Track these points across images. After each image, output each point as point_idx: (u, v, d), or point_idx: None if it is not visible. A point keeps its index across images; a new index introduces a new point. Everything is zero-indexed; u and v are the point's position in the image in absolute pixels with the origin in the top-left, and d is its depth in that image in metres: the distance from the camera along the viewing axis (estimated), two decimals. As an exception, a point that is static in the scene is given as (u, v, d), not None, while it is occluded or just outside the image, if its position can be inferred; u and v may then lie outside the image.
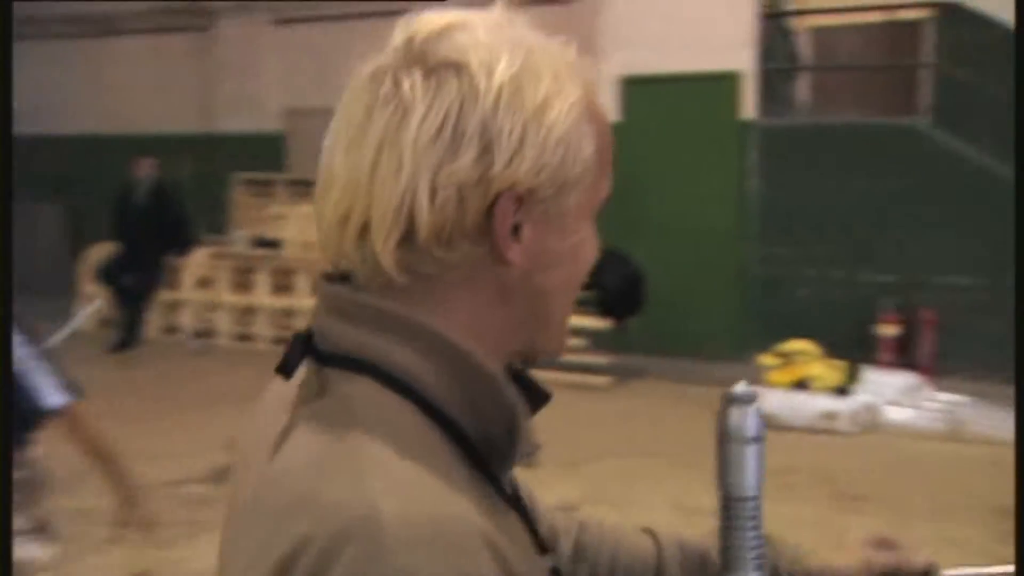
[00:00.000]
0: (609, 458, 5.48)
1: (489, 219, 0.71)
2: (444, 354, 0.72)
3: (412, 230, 0.70)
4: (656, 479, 5.09)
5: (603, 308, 7.05)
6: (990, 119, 7.64)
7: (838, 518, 4.47)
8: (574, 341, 7.75)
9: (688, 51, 7.73)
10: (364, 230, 0.72)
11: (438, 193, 0.69)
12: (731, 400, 0.82)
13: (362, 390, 0.71)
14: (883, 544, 1.01)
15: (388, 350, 0.71)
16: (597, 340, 7.27)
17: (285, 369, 0.74)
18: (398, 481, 0.65)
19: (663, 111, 7.57)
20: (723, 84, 7.75)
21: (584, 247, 0.78)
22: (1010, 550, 3.84)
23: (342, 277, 0.76)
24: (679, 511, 4.60)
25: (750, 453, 0.81)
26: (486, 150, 0.69)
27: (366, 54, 0.76)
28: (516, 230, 0.72)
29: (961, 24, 7.78)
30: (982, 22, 7.56)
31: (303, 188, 10.36)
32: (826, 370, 6.43)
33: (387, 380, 0.71)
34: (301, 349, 0.74)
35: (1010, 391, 6.46)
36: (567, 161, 0.73)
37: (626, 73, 7.90)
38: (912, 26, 8.12)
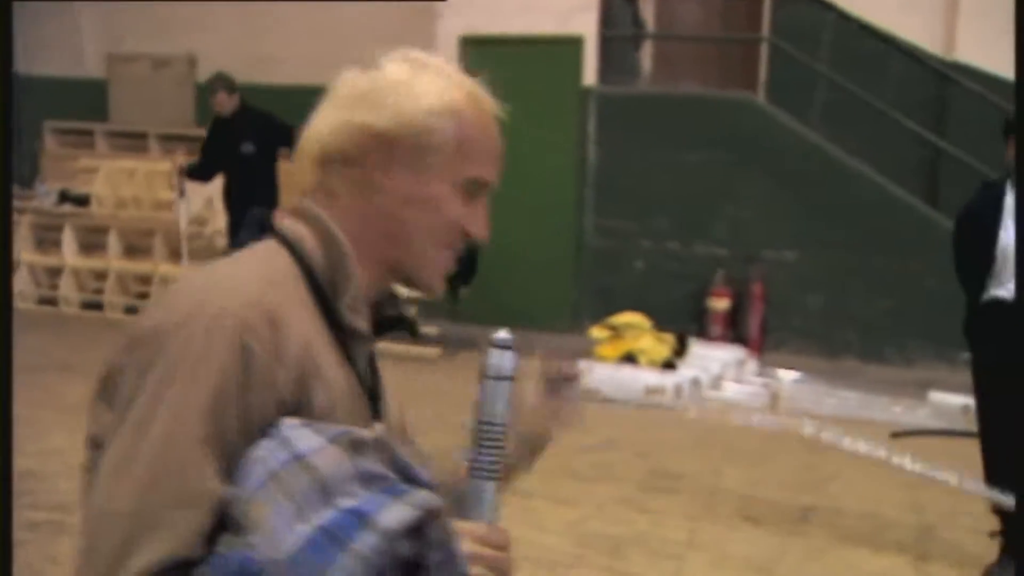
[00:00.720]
0: (432, 433, 5.23)
1: (364, 154, 1.08)
2: (322, 231, 1.08)
3: (320, 158, 1.10)
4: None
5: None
6: (820, 97, 7.75)
7: (650, 498, 4.37)
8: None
9: (530, 13, 7.52)
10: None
11: (336, 134, 1.09)
12: (492, 344, 1.06)
13: (266, 243, 1.09)
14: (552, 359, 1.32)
15: (295, 227, 1.09)
16: (428, 309, 7.01)
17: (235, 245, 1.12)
18: (254, 279, 1.02)
19: (503, 74, 7.28)
20: (565, 49, 7.57)
21: (445, 206, 1.10)
22: (808, 528, 3.77)
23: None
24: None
25: (501, 388, 1.05)
26: (373, 109, 1.09)
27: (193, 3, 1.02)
28: (388, 168, 1.08)
29: (794, 1, 7.85)
30: (816, 3, 7.63)
31: (126, 140, 9.67)
32: (654, 344, 6.37)
33: (285, 242, 1.08)
34: (259, 229, 1.11)
35: (831, 366, 6.55)
36: (425, 132, 1.08)
37: (466, 33, 7.62)
38: (750, 1, 8.14)
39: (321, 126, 1.10)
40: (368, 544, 0.88)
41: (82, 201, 8.30)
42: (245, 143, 6.61)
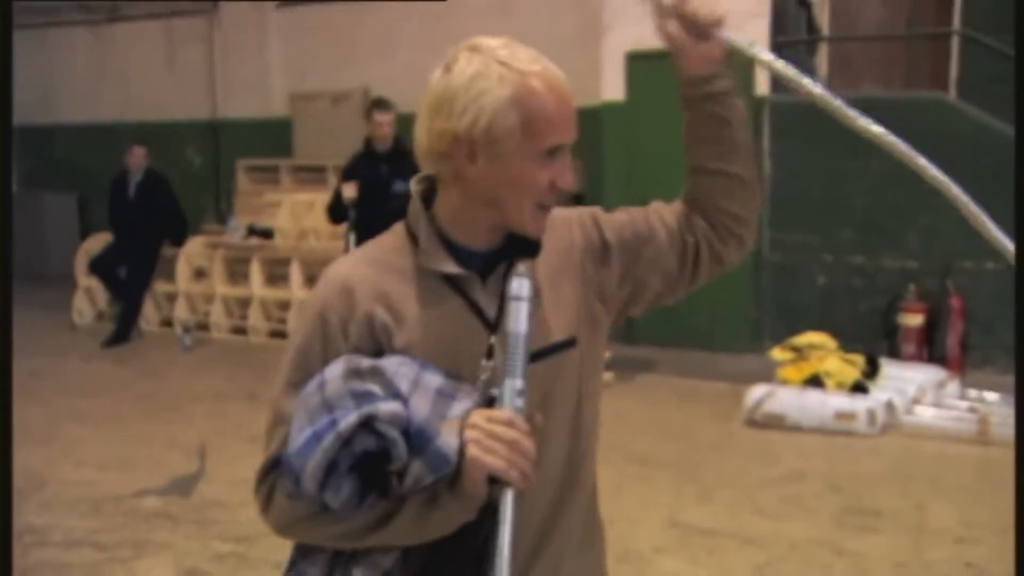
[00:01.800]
0: (600, 467, 5.09)
1: (451, 152, 1.33)
2: (425, 215, 1.39)
3: (425, 156, 1.37)
4: (650, 492, 4.70)
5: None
6: (986, 72, 7.10)
7: (847, 537, 4.05)
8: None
9: (698, 24, 7.29)
10: None
11: (428, 137, 1.35)
12: (514, 274, 1.27)
13: (395, 228, 1.44)
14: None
15: (412, 213, 1.41)
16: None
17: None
18: (358, 261, 1.41)
19: (670, 88, 7.12)
20: (736, 58, 7.29)
21: (528, 178, 1.32)
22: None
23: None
24: (673, 528, 4.21)
25: (521, 308, 1.24)
26: (448, 115, 1.31)
27: (371, 35, 1.71)
28: (473, 159, 1.32)
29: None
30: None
31: (307, 174, 10.10)
32: (842, 365, 5.97)
33: (406, 227, 1.41)
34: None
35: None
36: (493, 127, 1.30)
37: (632, 49, 7.49)
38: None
39: (419, 130, 1.37)
40: (330, 441, 1.22)
41: (267, 234, 8.69)
42: (397, 181, 5.83)
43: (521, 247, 1.37)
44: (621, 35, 7.56)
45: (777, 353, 6.23)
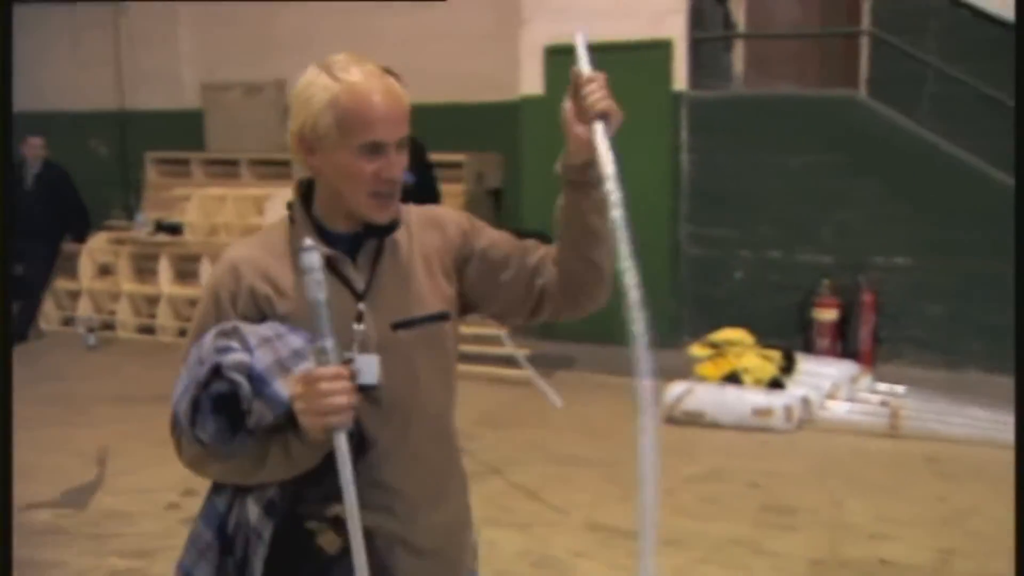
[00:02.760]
0: (517, 468, 5.02)
1: (298, 148, 1.62)
2: (300, 205, 1.67)
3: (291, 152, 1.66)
4: (571, 492, 4.64)
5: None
6: (929, 91, 7.27)
7: (767, 537, 4.05)
8: (496, 330, 7.29)
9: (617, 18, 7.26)
10: None
11: (288, 135, 1.63)
12: (302, 249, 1.49)
13: (281, 218, 1.70)
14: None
15: (292, 203, 1.69)
16: (517, 328, 6.80)
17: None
18: (250, 243, 1.69)
19: (590, 83, 7.10)
20: (654, 53, 7.29)
21: (353, 168, 1.58)
22: (952, 574, 3.38)
23: None
24: (594, 531, 4.16)
25: (312, 278, 1.46)
26: (292, 118, 1.61)
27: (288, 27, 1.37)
28: (311, 154, 1.61)
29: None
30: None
31: (220, 168, 9.79)
32: (759, 362, 6.02)
33: (288, 215, 1.68)
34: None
35: (952, 378, 6.06)
36: (312, 127, 1.58)
37: (551, 43, 7.42)
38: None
39: (291, 122, 1.64)
40: (192, 386, 1.50)
41: (175, 230, 8.38)
42: (405, 172, 5.69)
43: (376, 229, 1.64)
44: (540, 29, 7.50)
45: (696, 350, 6.25)
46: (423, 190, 5.16)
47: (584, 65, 1.64)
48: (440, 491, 1.71)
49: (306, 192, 1.67)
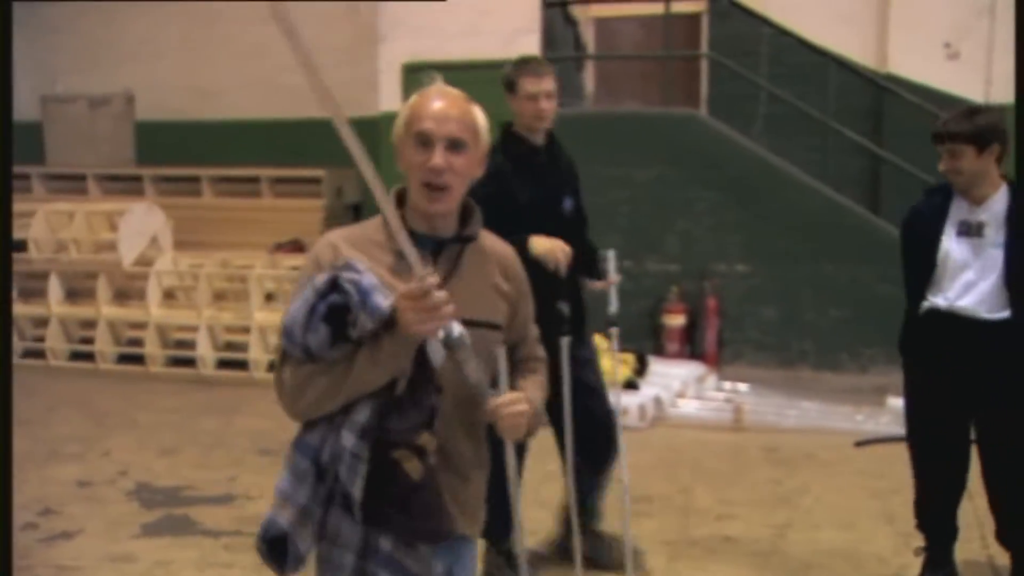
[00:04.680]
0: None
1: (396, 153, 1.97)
2: (396, 211, 1.88)
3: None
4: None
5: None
6: (762, 111, 7.86)
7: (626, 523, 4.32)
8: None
9: (473, 37, 7.51)
10: None
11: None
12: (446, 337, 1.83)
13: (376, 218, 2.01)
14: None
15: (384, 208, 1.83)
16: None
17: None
18: (345, 231, 2.02)
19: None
20: (508, 73, 7.58)
21: (409, 159, 1.92)
22: (787, 546, 3.73)
23: None
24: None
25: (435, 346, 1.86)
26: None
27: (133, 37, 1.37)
28: (398, 156, 1.96)
29: (731, 18, 7.96)
30: (753, 18, 7.75)
31: (63, 183, 9.43)
32: (615, 365, 6.33)
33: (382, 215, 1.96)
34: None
35: (787, 376, 6.53)
36: (395, 130, 1.96)
37: (408, 60, 7.59)
38: (688, 19, 8.24)
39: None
40: (307, 293, 1.85)
41: (18, 247, 8.05)
42: (566, 197, 3.78)
43: (455, 237, 1.97)
44: (397, 46, 7.65)
45: (554, 355, 6.52)
46: (580, 213, 3.91)
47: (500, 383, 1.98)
48: (464, 476, 2.00)
49: (400, 199, 1.98)
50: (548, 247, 3.41)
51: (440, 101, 1.91)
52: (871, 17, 7.72)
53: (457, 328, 1.81)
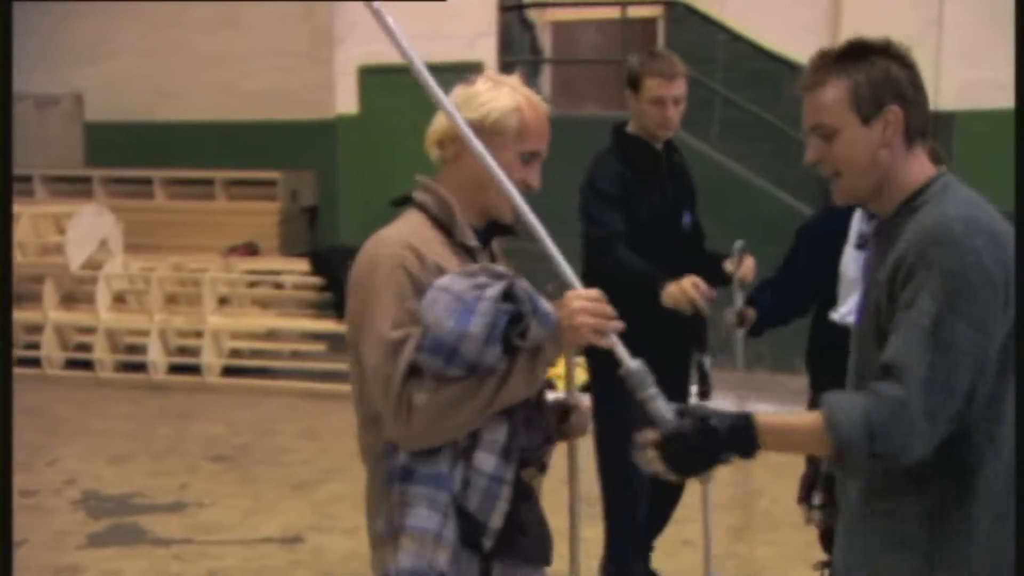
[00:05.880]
0: (346, 477, 5.08)
1: (458, 137, 1.81)
2: (434, 193, 1.89)
3: (435, 141, 1.90)
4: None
5: (340, 309, 6.64)
6: (717, 116, 7.92)
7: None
8: (314, 346, 7.30)
9: (428, 41, 7.44)
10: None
11: (443, 125, 1.86)
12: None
13: (407, 212, 1.91)
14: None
15: (421, 196, 1.90)
16: (337, 344, 6.84)
17: (396, 203, 1.96)
18: (403, 232, 1.86)
19: (402, 102, 7.26)
20: (465, 75, 7.56)
21: (510, 170, 1.82)
22: (742, 549, 3.71)
23: None
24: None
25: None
26: (467, 110, 1.84)
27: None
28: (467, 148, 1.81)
29: (688, 23, 8.02)
30: (709, 24, 7.81)
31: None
32: (565, 370, 6.33)
33: (420, 208, 1.90)
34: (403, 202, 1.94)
35: (744, 378, 6.57)
36: (494, 123, 1.84)
37: (364, 63, 7.54)
38: (644, 24, 8.29)
39: (437, 121, 1.86)
40: (485, 306, 1.68)
41: (-37, 250, 7.84)
42: (685, 212, 3.55)
43: (503, 228, 1.94)
44: (353, 49, 7.60)
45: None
46: (698, 229, 3.72)
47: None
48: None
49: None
50: (678, 295, 3.04)
51: (545, 116, 1.89)
52: (825, 24, 7.83)
53: (635, 362, 1.68)
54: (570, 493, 2.07)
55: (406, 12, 7.68)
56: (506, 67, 7.76)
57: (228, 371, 7.19)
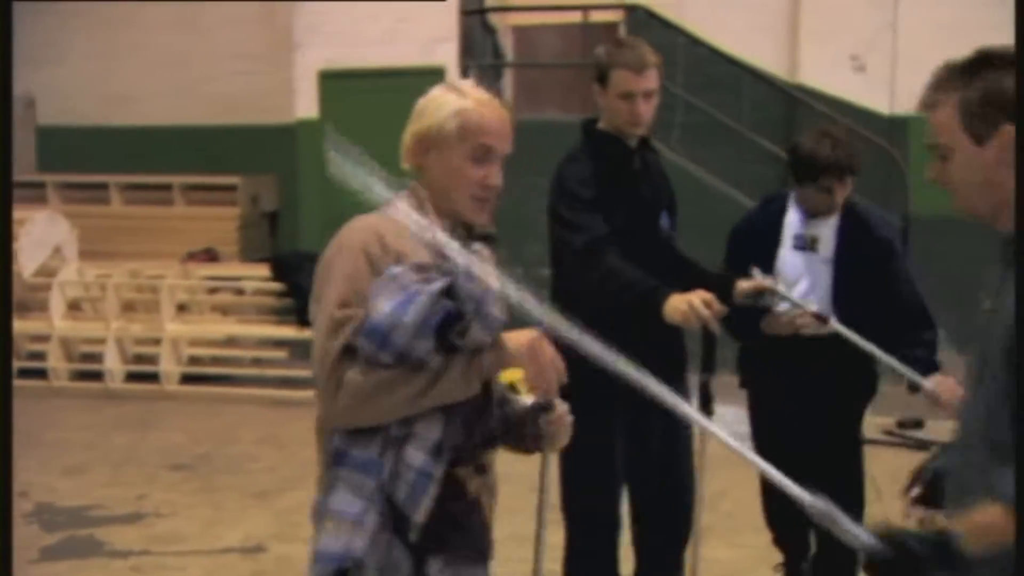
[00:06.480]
0: (309, 485, 5.02)
1: (416, 147, 1.93)
2: (415, 195, 1.93)
3: (406, 153, 1.96)
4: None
5: (302, 315, 6.57)
6: (678, 119, 7.96)
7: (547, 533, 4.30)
8: (275, 353, 7.22)
9: (390, 44, 7.44)
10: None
11: (407, 137, 1.95)
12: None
13: (396, 202, 1.91)
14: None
15: (405, 193, 1.94)
16: (298, 351, 6.77)
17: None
18: (376, 220, 1.90)
19: (363, 106, 7.22)
20: (426, 80, 7.41)
21: (463, 171, 1.89)
22: (706, 552, 3.70)
23: None
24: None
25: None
26: (417, 120, 1.93)
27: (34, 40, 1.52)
28: (426, 155, 1.92)
29: (648, 27, 8.06)
30: (669, 28, 7.85)
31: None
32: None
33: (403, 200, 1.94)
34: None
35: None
36: (438, 129, 1.89)
37: (325, 67, 7.49)
38: (606, 28, 8.32)
39: (406, 132, 1.94)
40: (423, 300, 1.71)
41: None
42: (663, 213, 3.32)
43: (480, 236, 1.97)
44: (313, 53, 7.54)
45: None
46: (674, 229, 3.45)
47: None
48: (492, 494, 2.09)
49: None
50: (684, 310, 2.74)
51: (499, 114, 1.90)
52: (784, 29, 7.91)
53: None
54: (538, 502, 2.16)
55: (367, 16, 7.72)
56: (467, 71, 7.76)
57: (187, 379, 7.09)
